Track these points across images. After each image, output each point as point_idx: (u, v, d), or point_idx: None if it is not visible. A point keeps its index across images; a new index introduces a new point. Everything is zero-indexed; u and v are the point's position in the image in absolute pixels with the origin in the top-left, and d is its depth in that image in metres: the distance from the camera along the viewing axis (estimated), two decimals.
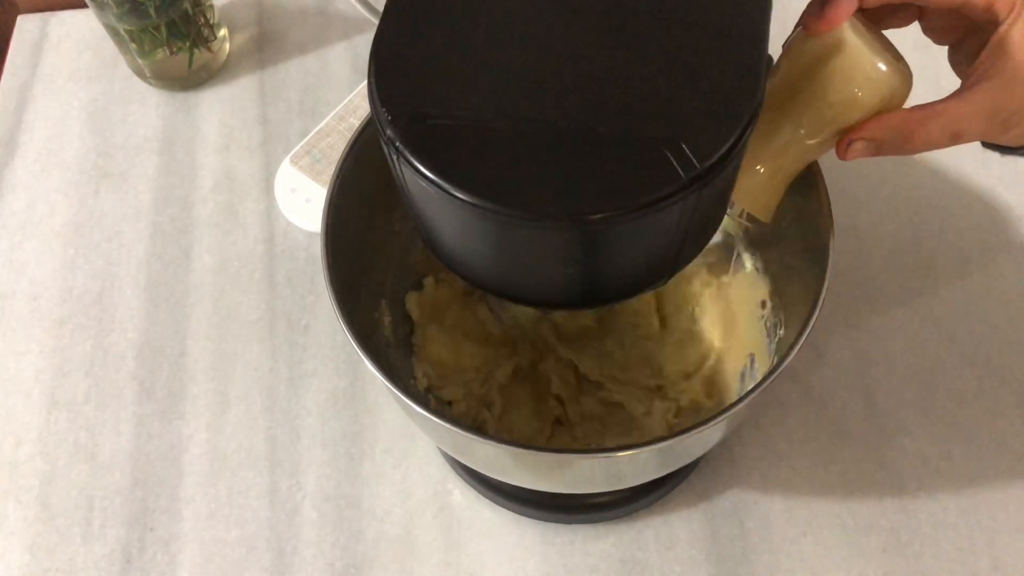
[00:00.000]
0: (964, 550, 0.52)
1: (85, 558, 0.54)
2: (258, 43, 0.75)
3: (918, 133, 0.37)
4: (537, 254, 0.33)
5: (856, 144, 0.38)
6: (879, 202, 0.64)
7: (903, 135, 0.37)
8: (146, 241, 0.66)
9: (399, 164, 0.32)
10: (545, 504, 0.53)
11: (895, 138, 0.37)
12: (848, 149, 0.38)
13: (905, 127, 0.37)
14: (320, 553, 0.53)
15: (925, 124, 0.37)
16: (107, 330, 0.62)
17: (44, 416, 0.59)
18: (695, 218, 0.32)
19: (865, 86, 0.37)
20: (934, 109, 0.37)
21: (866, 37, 0.37)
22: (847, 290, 0.60)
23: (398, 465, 0.56)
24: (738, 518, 0.53)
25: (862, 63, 0.37)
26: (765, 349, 0.52)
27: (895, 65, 0.37)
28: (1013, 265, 0.61)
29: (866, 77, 0.37)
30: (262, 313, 0.62)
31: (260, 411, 0.58)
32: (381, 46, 0.33)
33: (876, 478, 0.54)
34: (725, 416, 0.38)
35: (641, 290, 0.37)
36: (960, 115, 0.37)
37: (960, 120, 0.37)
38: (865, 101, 0.37)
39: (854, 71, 0.37)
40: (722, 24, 0.33)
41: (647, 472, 0.46)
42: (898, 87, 0.37)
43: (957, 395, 0.57)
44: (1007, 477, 0.54)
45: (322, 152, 0.67)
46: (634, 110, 0.31)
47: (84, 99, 0.73)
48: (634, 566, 0.52)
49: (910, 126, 0.37)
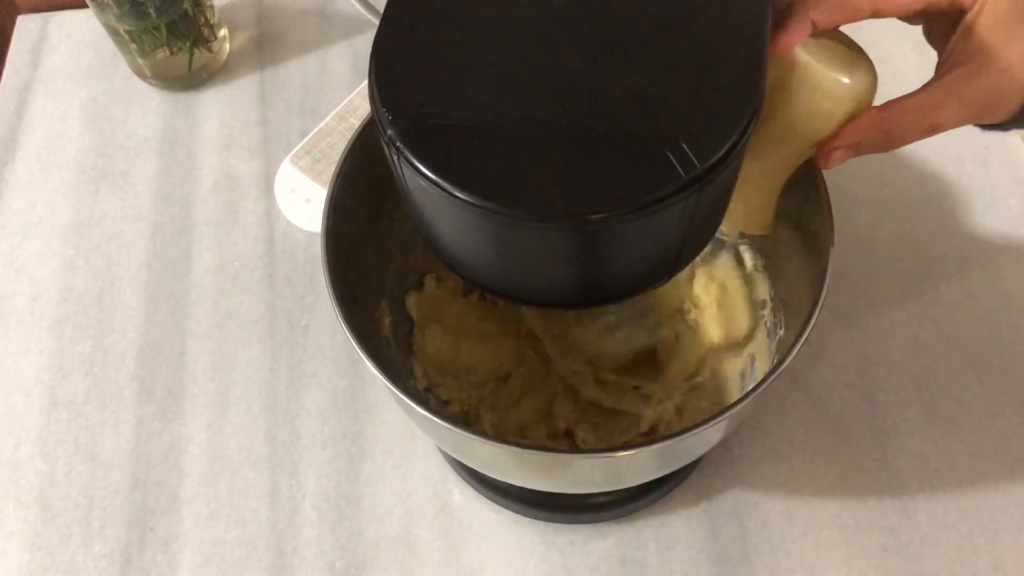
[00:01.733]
0: (964, 550, 0.52)
1: (85, 558, 0.54)
2: (258, 43, 0.75)
3: (894, 131, 0.36)
4: (537, 254, 0.33)
5: (835, 153, 0.37)
6: (879, 202, 0.64)
7: (880, 135, 0.37)
8: (146, 241, 0.66)
9: (400, 164, 0.32)
10: (545, 504, 0.53)
11: (872, 139, 0.37)
12: (828, 160, 0.38)
13: (880, 127, 0.36)
14: (320, 553, 0.53)
15: (899, 121, 0.36)
16: (107, 330, 0.62)
17: (44, 416, 0.59)
18: (696, 218, 0.32)
19: (830, 102, 0.36)
20: (906, 105, 0.36)
21: (820, 50, 0.36)
22: (847, 290, 0.60)
23: (398, 465, 0.56)
24: (738, 518, 0.53)
25: (821, 82, 0.36)
26: (765, 349, 0.52)
27: (856, 70, 0.36)
28: (1013, 265, 0.61)
29: (829, 94, 0.36)
30: (262, 313, 0.62)
31: (260, 411, 0.58)
32: (381, 46, 0.33)
33: (876, 478, 0.54)
34: (725, 416, 0.38)
35: (641, 290, 0.37)
36: (934, 106, 0.36)
37: (935, 112, 0.36)
38: (834, 116, 0.37)
39: (815, 92, 0.36)
40: (722, 23, 0.33)
41: (647, 472, 0.46)
42: (863, 92, 0.36)
43: (957, 395, 0.57)
44: (1007, 477, 0.54)
45: (322, 152, 0.67)
46: (634, 110, 0.31)
47: (84, 99, 0.73)
48: (634, 566, 0.52)
49: (885, 126, 0.36)
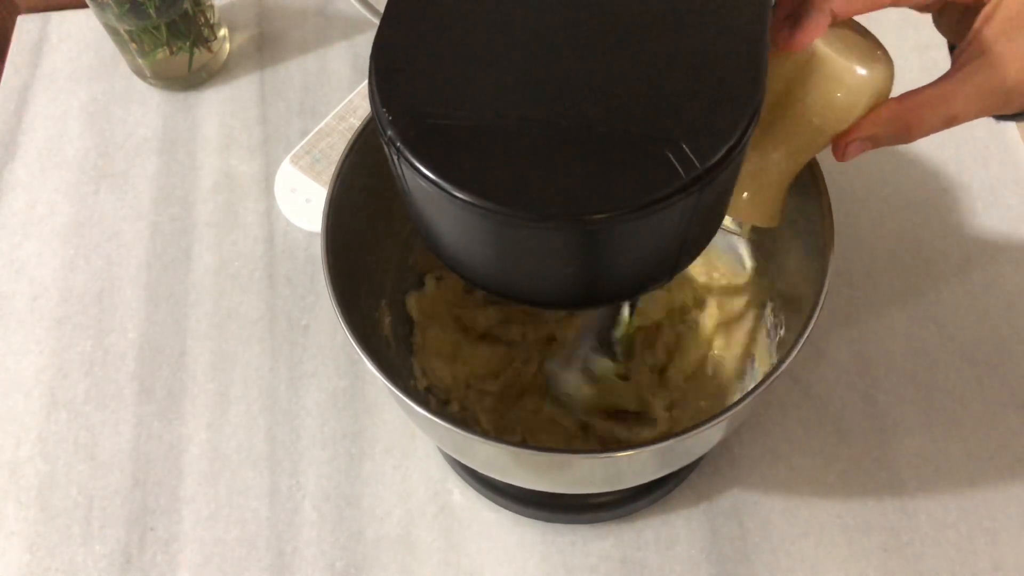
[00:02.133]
0: (964, 550, 0.52)
1: (85, 558, 0.54)
2: (258, 43, 0.75)
3: (913, 123, 0.36)
4: (537, 254, 0.33)
5: (852, 145, 0.37)
6: (879, 202, 0.64)
7: (898, 127, 0.36)
8: (146, 241, 0.66)
9: (399, 164, 0.32)
10: (545, 504, 0.53)
11: (890, 131, 0.36)
12: (845, 152, 0.37)
13: (898, 119, 0.36)
14: (320, 553, 0.53)
15: (918, 112, 0.36)
16: (107, 330, 0.62)
17: (44, 416, 0.59)
18: (696, 218, 0.32)
19: (848, 94, 0.36)
20: (926, 95, 0.36)
21: (838, 41, 0.36)
22: (847, 290, 0.60)
23: (398, 465, 0.56)
24: (738, 518, 0.53)
25: (841, 74, 0.36)
26: (765, 349, 0.52)
27: (874, 62, 0.36)
28: (1013, 265, 0.61)
29: (848, 87, 0.36)
30: (262, 313, 0.62)
31: (260, 411, 0.58)
32: (381, 46, 0.33)
33: (876, 478, 0.54)
34: (725, 416, 0.38)
35: (642, 290, 0.37)
36: (954, 97, 0.35)
37: (954, 103, 0.35)
38: (851, 108, 0.36)
39: (832, 83, 0.36)
40: (722, 23, 0.33)
41: (647, 472, 0.46)
42: (881, 84, 0.36)
43: (957, 395, 0.57)
44: (1007, 477, 0.54)
45: (322, 152, 0.67)
46: (634, 110, 0.31)
47: (84, 99, 0.73)
48: (634, 566, 0.52)
49: (904, 117, 0.36)
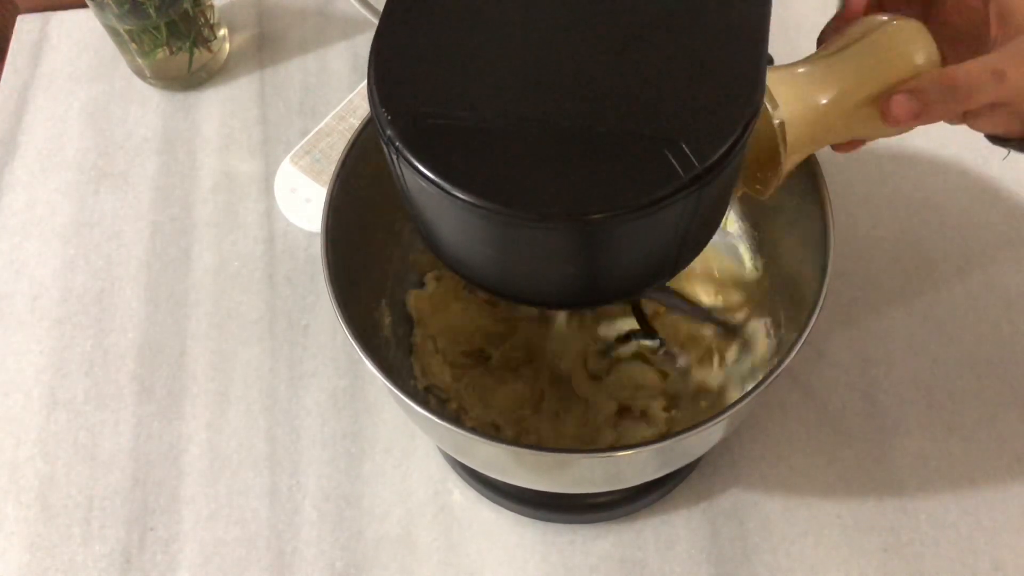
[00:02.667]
0: (964, 550, 0.52)
1: (85, 558, 0.54)
2: (258, 43, 0.75)
3: (959, 75, 0.36)
4: (537, 254, 0.33)
5: (899, 97, 0.37)
6: (879, 202, 0.64)
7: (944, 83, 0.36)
8: (146, 241, 0.66)
9: (399, 164, 0.32)
10: (545, 504, 0.53)
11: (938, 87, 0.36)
12: (891, 104, 0.37)
13: (945, 74, 0.36)
14: (320, 553, 0.53)
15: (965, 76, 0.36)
16: (107, 330, 0.62)
17: (44, 416, 0.59)
18: (695, 218, 0.32)
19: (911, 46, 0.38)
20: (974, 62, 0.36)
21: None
22: (847, 290, 0.60)
23: (398, 465, 0.56)
24: (738, 518, 0.53)
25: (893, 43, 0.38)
26: (765, 349, 0.52)
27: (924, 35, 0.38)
28: (1014, 265, 0.61)
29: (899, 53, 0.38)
30: (262, 313, 0.62)
31: (260, 411, 0.58)
32: (381, 46, 0.33)
33: (876, 478, 0.54)
34: (725, 416, 0.38)
35: (640, 290, 0.37)
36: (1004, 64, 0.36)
37: (1004, 70, 0.36)
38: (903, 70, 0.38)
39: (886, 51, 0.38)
40: (722, 24, 0.33)
41: (647, 472, 0.46)
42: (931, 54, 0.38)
43: (957, 395, 0.57)
44: (1007, 477, 0.54)
45: (322, 152, 0.67)
46: (634, 110, 0.31)
47: (84, 99, 0.73)
48: (634, 566, 0.52)
49: (950, 72, 0.36)
